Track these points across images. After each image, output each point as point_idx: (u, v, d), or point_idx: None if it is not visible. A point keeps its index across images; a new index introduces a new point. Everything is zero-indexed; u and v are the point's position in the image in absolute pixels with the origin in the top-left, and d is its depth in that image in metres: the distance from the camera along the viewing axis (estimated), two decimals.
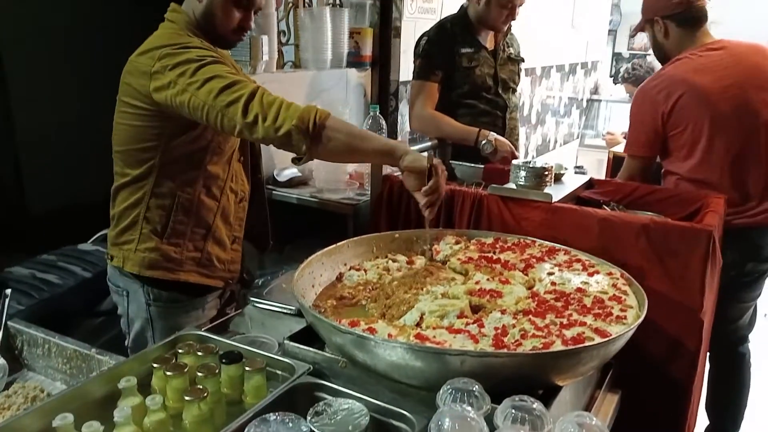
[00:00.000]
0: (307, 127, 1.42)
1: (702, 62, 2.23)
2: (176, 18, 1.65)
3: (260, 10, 1.72)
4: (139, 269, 1.69)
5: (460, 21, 2.60)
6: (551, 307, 1.28)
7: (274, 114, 1.42)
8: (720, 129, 2.19)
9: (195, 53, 1.50)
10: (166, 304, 1.73)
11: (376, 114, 2.51)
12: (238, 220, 1.84)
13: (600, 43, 6.89)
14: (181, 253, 1.70)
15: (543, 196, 1.84)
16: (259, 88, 1.47)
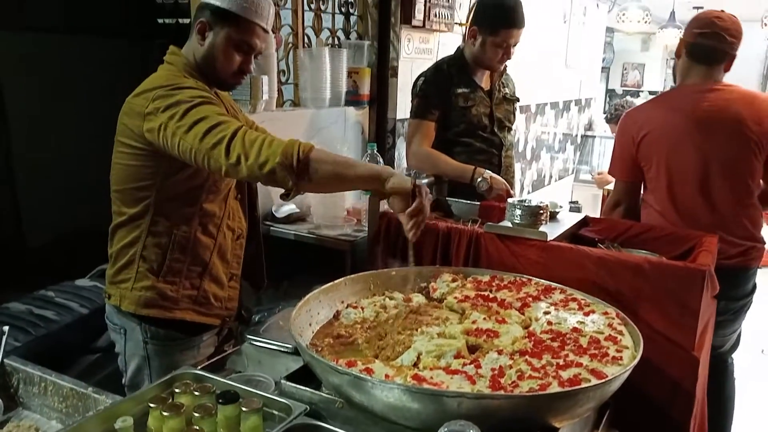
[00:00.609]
0: (291, 163, 1.41)
1: (686, 101, 2.30)
2: (175, 60, 1.69)
3: (260, 54, 1.76)
4: (135, 308, 1.69)
5: (456, 62, 2.65)
6: (547, 347, 1.29)
7: (256, 152, 1.41)
8: (678, 170, 2.27)
9: (187, 94, 1.52)
10: (164, 343, 1.73)
11: (373, 152, 2.55)
12: (235, 258, 1.85)
13: (593, 80, 7.01)
14: (177, 291, 1.71)
15: (539, 235, 1.87)
16: (242, 128, 1.46)
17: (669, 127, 2.29)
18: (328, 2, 3.00)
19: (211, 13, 1.64)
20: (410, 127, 2.66)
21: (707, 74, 2.33)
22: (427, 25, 3.24)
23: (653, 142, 2.30)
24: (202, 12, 1.66)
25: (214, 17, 1.64)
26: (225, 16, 1.63)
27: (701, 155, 2.26)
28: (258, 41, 1.69)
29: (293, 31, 2.82)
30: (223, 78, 1.71)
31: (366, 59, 3.11)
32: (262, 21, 1.67)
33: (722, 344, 2.45)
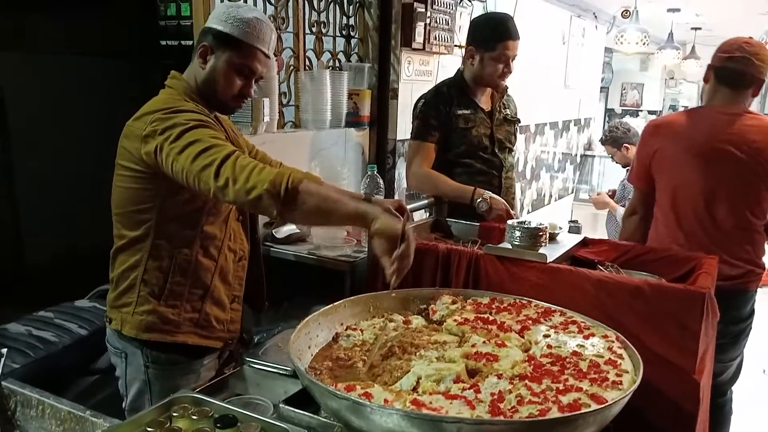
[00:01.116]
0: (278, 192, 1.39)
1: (707, 122, 2.32)
2: (175, 84, 1.70)
3: (261, 78, 1.77)
4: (136, 332, 1.69)
5: (456, 84, 2.68)
6: (547, 371, 1.28)
7: (245, 177, 1.40)
8: (685, 188, 2.29)
9: (184, 117, 1.53)
10: (165, 366, 1.72)
11: (373, 173, 2.56)
12: (237, 279, 1.85)
13: (593, 100, 7.06)
14: (179, 314, 1.70)
15: (538, 257, 1.87)
16: (235, 152, 1.46)
17: (684, 144, 2.31)
18: (330, 26, 3.04)
19: (213, 38, 1.66)
20: (411, 148, 2.67)
21: (733, 98, 2.34)
22: (427, 48, 3.28)
23: (666, 156, 2.33)
24: (205, 36, 1.68)
25: (216, 41, 1.66)
26: (227, 40, 1.65)
27: (709, 178, 2.28)
28: (259, 66, 1.71)
29: (294, 53, 2.85)
30: (224, 101, 1.72)
31: (366, 81, 3.14)
32: (263, 46, 1.69)
33: (722, 371, 2.44)
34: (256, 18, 1.67)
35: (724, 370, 2.46)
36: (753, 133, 2.28)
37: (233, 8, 1.67)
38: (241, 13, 1.65)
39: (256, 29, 1.66)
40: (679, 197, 2.33)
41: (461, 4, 3.63)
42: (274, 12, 2.73)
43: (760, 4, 5.52)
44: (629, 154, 4.31)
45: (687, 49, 7.92)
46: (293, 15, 2.82)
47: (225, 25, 1.64)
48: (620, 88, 9.62)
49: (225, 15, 1.65)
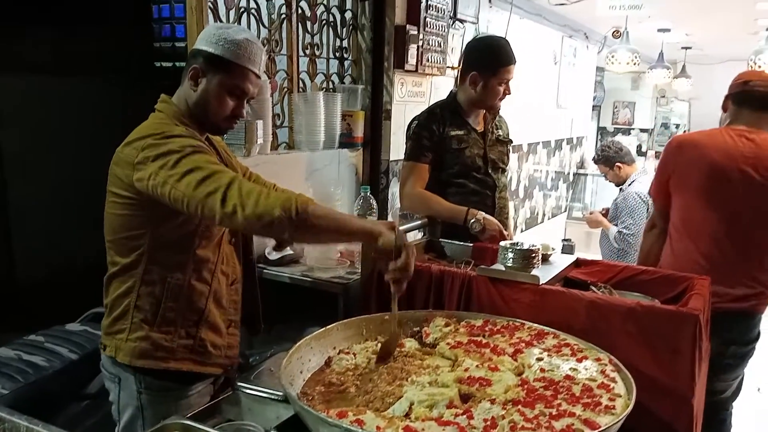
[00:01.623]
0: (289, 216, 1.42)
1: (731, 144, 2.32)
2: (165, 108, 1.70)
3: (253, 98, 1.78)
4: (130, 359, 1.67)
5: (450, 106, 2.69)
6: (540, 396, 1.28)
7: (253, 203, 1.42)
8: (703, 211, 2.29)
9: (177, 143, 1.53)
10: (158, 393, 1.70)
11: (366, 194, 2.56)
12: (232, 303, 1.83)
13: (585, 118, 7.11)
14: (173, 340, 1.69)
15: (531, 278, 1.87)
16: (236, 177, 1.48)
17: (704, 165, 2.33)
18: (323, 48, 3.06)
19: (204, 60, 1.66)
20: (404, 169, 2.68)
21: (756, 120, 2.36)
22: (420, 70, 3.31)
23: (686, 175, 2.35)
24: (195, 58, 1.68)
25: (207, 63, 1.66)
26: (218, 62, 1.65)
27: (728, 199, 2.30)
28: (250, 86, 1.71)
29: (288, 76, 2.87)
30: (215, 123, 1.72)
31: (360, 102, 3.16)
32: (254, 67, 1.69)
33: (725, 389, 2.46)
34: (247, 39, 1.67)
35: (727, 387, 2.48)
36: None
37: (223, 30, 1.68)
38: (231, 35, 1.66)
39: (247, 50, 1.66)
40: (696, 218, 2.35)
41: (453, 26, 3.67)
42: (268, 35, 2.75)
43: (749, 24, 5.60)
44: (622, 173, 4.34)
45: (677, 68, 8.00)
46: (287, 37, 2.84)
47: (216, 47, 1.64)
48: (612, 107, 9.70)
49: (215, 37, 1.65)
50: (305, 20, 2.93)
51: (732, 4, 4.90)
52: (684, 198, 2.38)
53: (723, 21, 5.76)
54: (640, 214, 4.15)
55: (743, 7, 4.85)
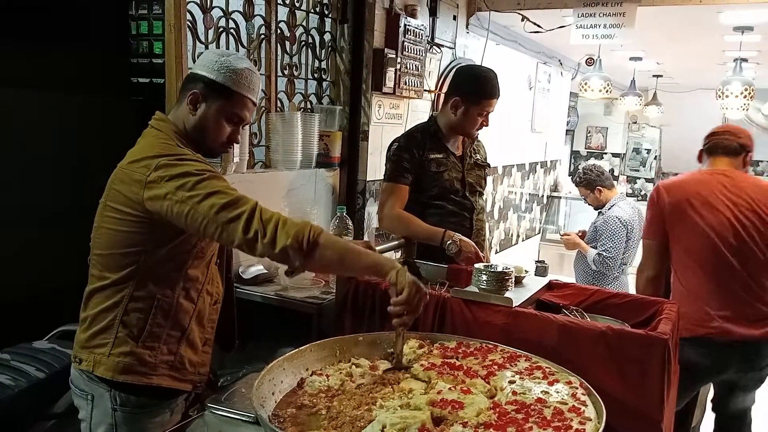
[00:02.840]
0: (301, 245, 1.49)
1: (720, 179, 2.53)
2: (162, 127, 1.70)
3: (248, 124, 1.80)
4: (112, 374, 1.65)
5: (429, 129, 2.73)
6: (512, 419, 1.29)
7: (272, 231, 1.49)
8: (710, 240, 2.45)
9: (193, 167, 1.56)
10: (133, 410, 1.68)
11: (342, 215, 2.57)
12: (210, 322, 1.84)
13: (559, 142, 7.23)
14: (155, 356, 1.69)
15: (504, 301, 1.89)
16: (257, 205, 1.54)
17: (701, 197, 2.50)
18: (302, 68, 3.08)
19: (204, 86, 1.68)
20: (384, 190, 2.70)
21: (727, 164, 2.57)
22: (398, 92, 3.34)
23: (684, 209, 2.51)
24: (195, 83, 1.69)
25: (208, 89, 1.68)
26: (219, 89, 1.68)
27: (734, 225, 2.44)
28: (248, 114, 1.75)
29: (266, 95, 2.88)
30: (212, 147, 1.76)
31: (337, 123, 3.18)
32: (253, 95, 1.74)
33: (750, 403, 2.66)
34: (248, 69, 1.71)
35: (749, 402, 2.65)
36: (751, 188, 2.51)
37: (224, 57, 1.70)
38: (233, 63, 1.69)
39: (248, 80, 1.70)
40: (704, 249, 2.46)
41: (431, 51, 3.73)
42: (247, 54, 2.77)
43: (717, 55, 5.78)
44: (602, 197, 4.41)
45: (649, 95, 8.20)
46: (266, 57, 2.86)
47: (217, 74, 1.67)
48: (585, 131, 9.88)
49: (217, 64, 1.68)
50: (284, 41, 2.95)
51: (701, 36, 5.06)
52: (688, 232, 2.50)
53: (692, 51, 5.93)
54: (620, 237, 4.21)
55: (711, 39, 5.01)
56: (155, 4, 2.50)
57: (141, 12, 2.54)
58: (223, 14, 2.62)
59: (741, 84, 5.04)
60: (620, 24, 3.79)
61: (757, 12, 4.08)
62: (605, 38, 3.86)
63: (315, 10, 3.12)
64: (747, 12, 4.11)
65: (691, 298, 2.48)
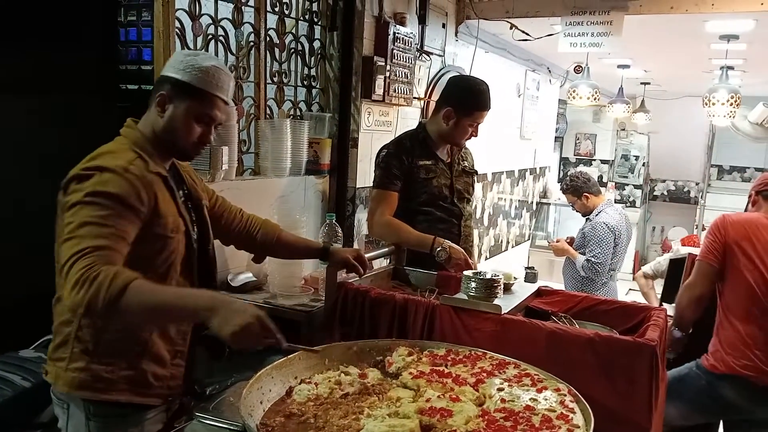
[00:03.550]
0: (95, 311, 1.38)
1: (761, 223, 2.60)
2: (128, 134, 1.67)
3: (221, 125, 1.78)
4: (68, 389, 1.62)
5: (418, 136, 2.74)
6: (500, 427, 1.29)
7: (84, 289, 1.38)
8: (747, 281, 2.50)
9: (92, 185, 1.49)
10: (107, 420, 1.65)
11: (332, 222, 2.57)
12: (181, 334, 1.75)
13: (548, 149, 7.26)
14: (113, 372, 1.62)
15: (493, 308, 1.89)
16: (94, 263, 1.40)
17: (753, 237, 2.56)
18: (291, 76, 3.08)
19: (171, 86, 1.65)
20: (373, 197, 2.70)
21: None
22: (387, 100, 3.35)
23: (748, 250, 2.54)
24: (162, 85, 1.66)
25: (175, 90, 1.64)
26: (186, 89, 1.64)
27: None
28: (218, 113, 1.70)
29: (255, 102, 2.88)
30: (184, 149, 1.71)
31: (327, 130, 3.18)
32: (222, 93, 1.69)
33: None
34: (215, 66, 1.67)
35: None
36: None
37: (191, 57, 1.67)
38: (199, 62, 1.65)
39: (215, 77, 1.66)
40: (755, 290, 2.49)
41: (420, 59, 3.74)
42: (236, 62, 2.76)
43: (704, 63, 5.83)
44: (589, 203, 4.43)
45: (637, 103, 8.26)
46: (255, 65, 2.86)
47: (183, 74, 1.63)
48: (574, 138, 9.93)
49: (183, 64, 1.65)
50: (273, 48, 2.95)
51: (687, 45, 5.11)
52: (737, 268, 2.53)
53: (679, 59, 5.99)
54: (608, 243, 4.24)
55: (698, 47, 5.06)
56: (144, 10, 2.49)
57: (130, 18, 2.53)
58: (212, 21, 2.61)
59: (727, 92, 5.08)
60: (608, 32, 3.82)
61: (742, 21, 4.12)
62: (593, 46, 3.89)
63: (304, 18, 3.12)
64: (733, 21, 4.15)
65: (736, 337, 2.50)
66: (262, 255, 2.14)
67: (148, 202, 1.56)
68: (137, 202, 1.53)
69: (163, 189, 1.64)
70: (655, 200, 10.19)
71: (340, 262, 2.11)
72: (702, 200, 9.06)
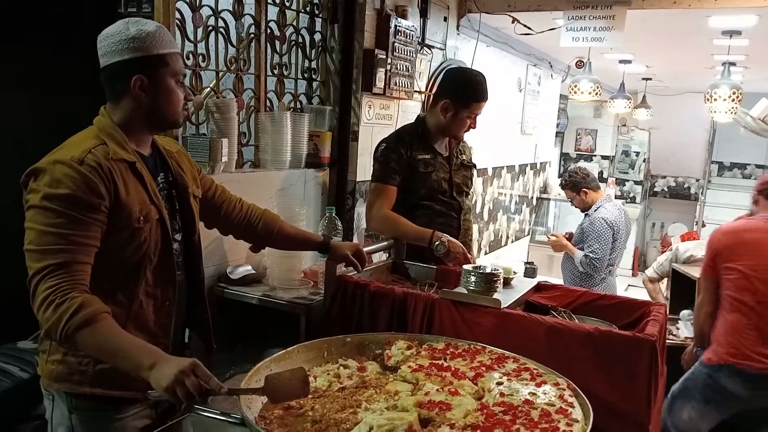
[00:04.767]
0: (56, 339, 1.43)
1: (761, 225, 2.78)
2: (98, 121, 1.63)
3: (185, 77, 1.74)
4: (48, 381, 1.62)
5: (417, 130, 2.73)
6: (499, 421, 1.28)
7: (43, 311, 1.41)
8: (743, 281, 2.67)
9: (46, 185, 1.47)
10: (89, 413, 1.63)
11: (332, 215, 2.56)
12: (162, 327, 1.70)
13: (548, 144, 7.25)
14: (88, 365, 1.59)
15: (492, 302, 1.89)
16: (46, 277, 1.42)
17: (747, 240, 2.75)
18: (291, 68, 3.07)
19: (141, 66, 1.57)
20: (372, 191, 2.69)
21: None
22: (388, 93, 3.33)
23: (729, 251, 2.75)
24: (129, 70, 1.57)
25: (147, 66, 1.58)
26: (157, 61, 1.59)
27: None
28: (182, 66, 1.68)
29: (255, 95, 2.86)
30: (174, 119, 1.67)
31: (327, 123, 3.17)
32: (176, 47, 1.68)
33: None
34: (158, 26, 1.62)
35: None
36: None
37: (134, 29, 1.57)
38: (147, 29, 1.58)
39: (167, 34, 1.62)
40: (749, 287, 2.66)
41: (421, 52, 3.72)
42: (236, 53, 2.75)
43: (706, 59, 5.82)
44: (588, 199, 4.42)
45: (638, 98, 8.24)
46: (255, 57, 2.84)
47: (145, 49, 1.57)
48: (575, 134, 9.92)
49: (138, 41, 1.56)
50: (274, 40, 2.93)
51: (690, 40, 5.09)
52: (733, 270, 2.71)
53: (681, 55, 5.97)
54: (606, 239, 4.23)
55: (700, 42, 5.05)
56: (144, 2, 2.47)
57: (130, 10, 2.51)
58: (212, 13, 2.60)
59: (729, 87, 5.07)
60: (610, 27, 3.80)
61: (745, 17, 4.11)
62: (595, 41, 3.88)
63: (305, 10, 3.10)
64: (735, 16, 4.14)
65: (725, 328, 2.67)
66: (262, 245, 2.13)
67: (107, 193, 1.51)
68: (93, 196, 1.49)
69: (129, 176, 1.58)
70: (656, 196, 10.20)
71: (339, 257, 2.10)
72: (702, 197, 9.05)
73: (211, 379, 1.33)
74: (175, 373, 1.31)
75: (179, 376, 1.31)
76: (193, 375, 1.31)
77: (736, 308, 2.67)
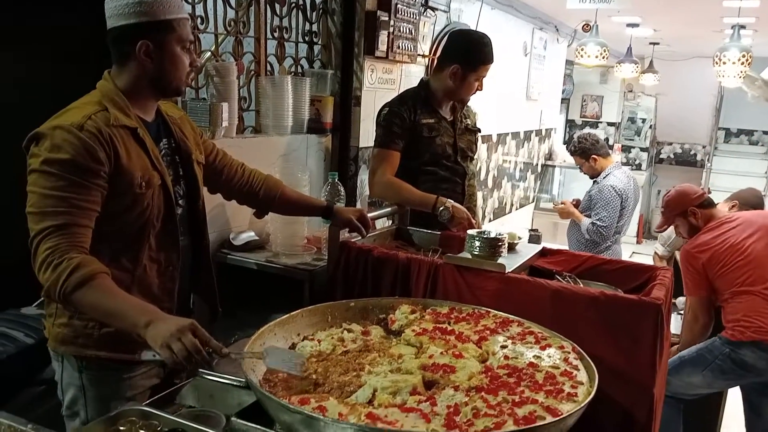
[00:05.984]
0: (54, 298, 1.44)
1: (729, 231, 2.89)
2: (101, 86, 1.61)
3: (192, 43, 1.72)
4: (55, 344, 1.63)
5: (420, 94, 2.68)
6: (504, 383, 1.28)
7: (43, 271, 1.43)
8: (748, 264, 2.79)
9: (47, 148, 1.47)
10: (99, 372, 1.65)
11: (335, 181, 2.54)
12: (166, 292, 1.71)
13: (554, 111, 7.16)
14: (94, 328, 1.60)
15: (497, 267, 1.88)
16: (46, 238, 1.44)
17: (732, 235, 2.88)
18: (292, 31, 3.01)
19: (149, 30, 1.55)
20: (374, 156, 2.66)
21: (718, 211, 3.06)
22: (390, 56, 3.27)
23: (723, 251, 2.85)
24: (136, 33, 1.55)
25: (153, 31, 1.56)
26: (164, 26, 1.57)
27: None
28: (189, 32, 1.65)
29: (255, 59, 2.81)
30: (179, 84, 1.65)
31: (329, 88, 3.12)
32: (185, 13, 1.64)
33: None
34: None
35: None
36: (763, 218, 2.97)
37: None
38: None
39: (175, 2, 1.59)
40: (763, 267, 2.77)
41: (425, 14, 3.65)
42: (236, 16, 2.69)
43: (715, 21, 5.71)
44: (597, 166, 4.37)
45: (645, 63, 8.12)
46: (255, 20, 2.78)
47: (152, 14, 1.54)
48: (581, 100, 9.78)
49: (145, 5, 1.53)
50: (274, 2, 2.86)
51: (699, 2, 4.99)
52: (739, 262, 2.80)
53: (690, 18, 5.85)
54: (614, 206, 4.19)
55: (709, 4, 4.94)
56: None
57: None
58: None
59: (738, 50, 4.98)
60: None
61: None
62: (602, 3, 3.80)
63: None
64: None
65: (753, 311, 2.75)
66: (265, 210, 2.12)
67: (107, 159, 1.50)
68: (92, 162, 1.48)
69: (130, 142, 1.57)
70: (661, 163, 10.12)
71: (343, 222, 2.08)
72: (708, 163, 8.98)
73: (210, 341, 1.33)
74: (171, 331, 1.31)
75: (176, 333, 1.30)
76: (191, 334, 1.31)
77: (751, 293, 2.76)
